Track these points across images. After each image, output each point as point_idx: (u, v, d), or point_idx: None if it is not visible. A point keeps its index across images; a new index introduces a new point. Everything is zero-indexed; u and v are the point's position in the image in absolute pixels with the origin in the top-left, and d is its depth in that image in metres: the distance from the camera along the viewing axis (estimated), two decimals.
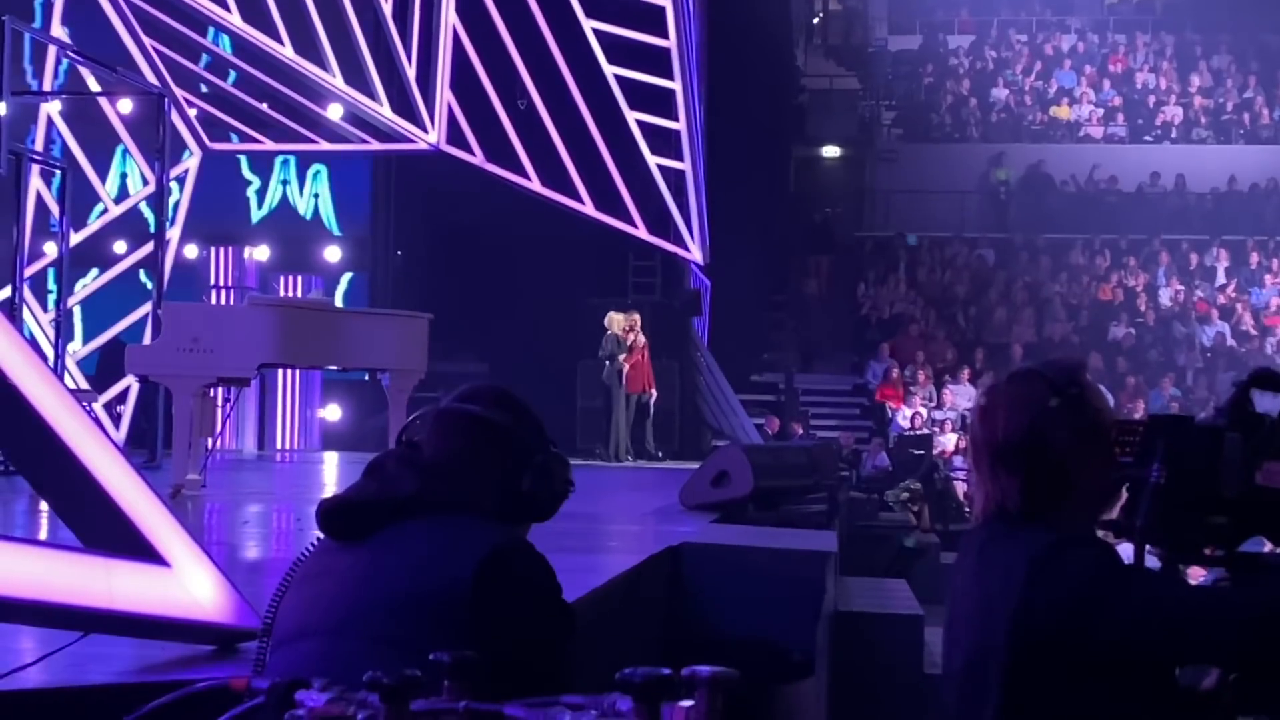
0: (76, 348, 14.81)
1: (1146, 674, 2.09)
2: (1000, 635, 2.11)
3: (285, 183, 18.47)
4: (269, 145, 16.28)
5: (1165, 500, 2.12)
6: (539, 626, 2.10)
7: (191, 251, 16.84)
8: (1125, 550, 2.19)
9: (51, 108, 15.04)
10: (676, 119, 16.70)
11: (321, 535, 2.21)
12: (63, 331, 12.17)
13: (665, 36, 16.53)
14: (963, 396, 19.09)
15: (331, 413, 17.01)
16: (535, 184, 15.88)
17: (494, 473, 2.21)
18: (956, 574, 2.28)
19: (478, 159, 15.71)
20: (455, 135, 15.61)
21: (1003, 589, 2.12)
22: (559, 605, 2.15)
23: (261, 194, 18.52)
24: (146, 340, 12.46)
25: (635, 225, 16.54)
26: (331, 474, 12.23)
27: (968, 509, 14.06)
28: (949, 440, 18.40)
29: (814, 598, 6.13)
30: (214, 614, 3.10)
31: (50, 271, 13.45)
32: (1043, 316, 22.04)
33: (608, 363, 15.33)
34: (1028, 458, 2.19)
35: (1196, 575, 2.34)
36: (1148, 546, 2.15)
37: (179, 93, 15.13)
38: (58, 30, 14.81)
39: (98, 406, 13.56)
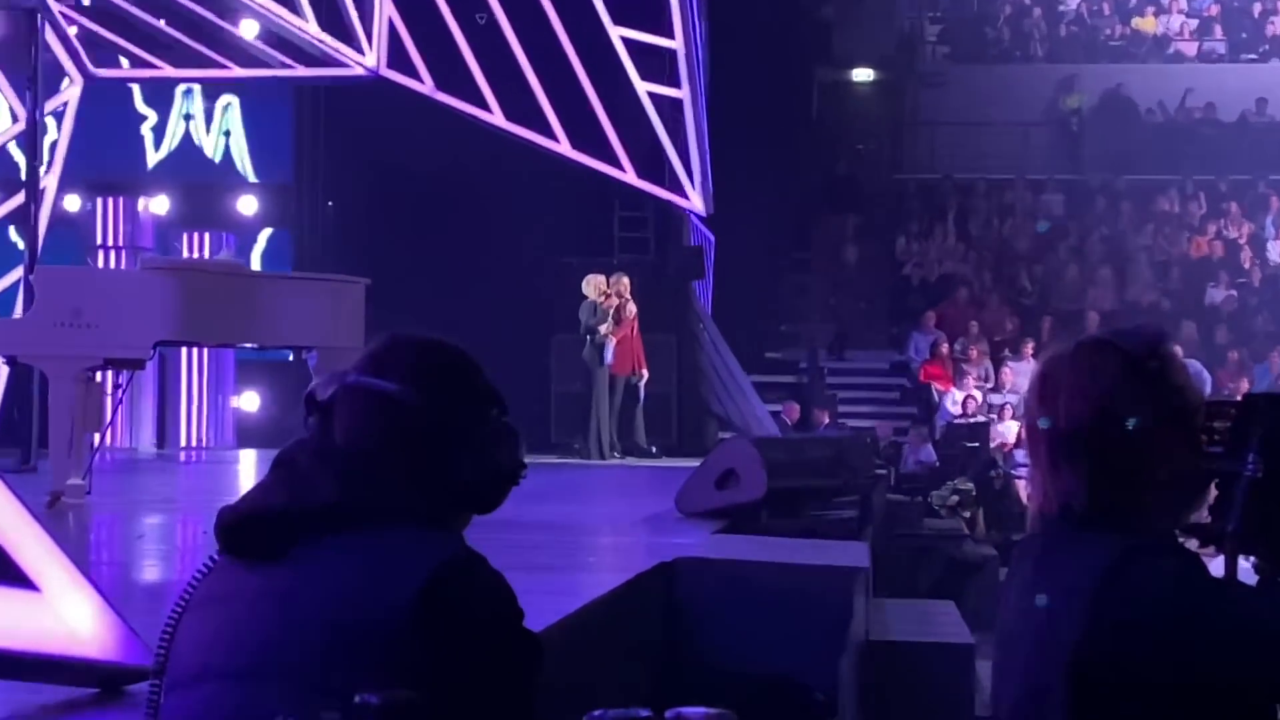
0: None
1: (1240, 712, 2.10)
2: (1061, 664, 2.11)
3: (189, 118, 18.40)
4: (168, 71, 16.21)
5: (1263, 499, 2.12)
6: (495, 663, 2.10)
7: (72, 203, 16.79)
8: (1215, 562, 2.19)
9: None
10: (672, 36, 16.65)
11: (221, 553, 2.20)
12: None
13: None
14: (1025, 375, 19.12)
15: (248, 401, 17.00)
16: (498, 117, 15.83)
17: (423, 465, 2.19)
18: (1009, 590, 2.29)
19: (426, 87, 15.65)
20: (398, 58, 15.54)
21: (1064, 608, 2.13)
22: (520, 636, 2.15)
23: (159, 132, 18.46)
24: (17, 313, 12.44)
25: (621, 167, 16.50)
26: (248, 476, 12.24)
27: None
28: (1009, 429, 18.44)
29: (840, 624, 6.16)
30: (95, 649, 3.09)
31: None
32: (1124, 276, 22.06)
33: (588, 338, 15.34)
34: (1095, 446, 2.19)
35: None
36: (1241, 556, 2.15)
37: (56, 6, 15.06)
38: None
39: None
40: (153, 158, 18.42)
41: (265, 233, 18.27)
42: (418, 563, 2.08)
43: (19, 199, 13.09)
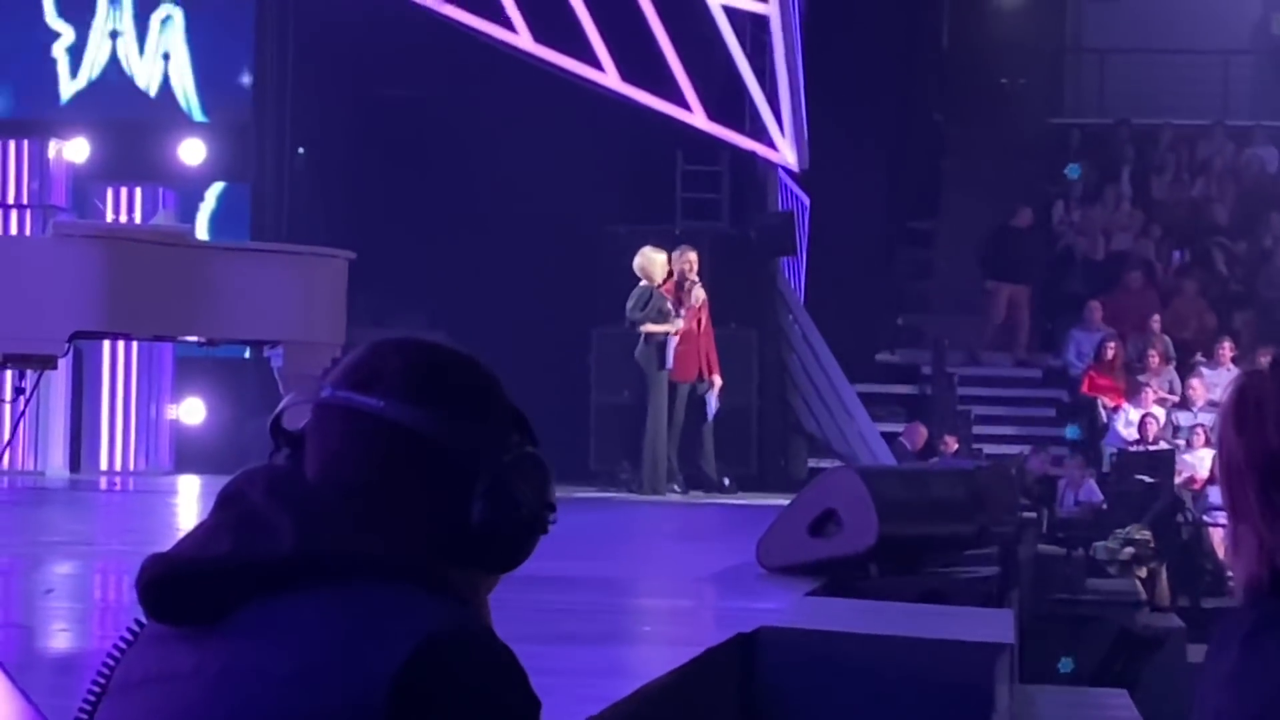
0: None
1: None
2: None
3: (115, 35, 18.47)
4: None
5: None
6: None
7: None
8: None
9: None
10: None
11: (146, 619, 2.21)
12: None
13: None
14: (1224, 388, 19.05)
15: (190, 412, 17.04)
16: (524, 39, 15.87)
17: (418, 507, 2.20)
18: (1207, 683, 2.28)
19: None
20: None
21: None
22: None
23: (77, 54, 18.54)
24: None
25: (687, 107, 16.51)
26: (189, 511, 12.25)
27: (1231, 573, 14.05)
28: (1201, 460, 18.32)
29: (976, 718, 6.14)
30: None
31: None
32: None
33: (642, 333, 15.33)
34: None
35: None
36: None
37: None
38: None
39: None
40: (68, 88, 18.51)
41: (215, 188, 18.31)
42: (398, 635, 2.08)
43: None
